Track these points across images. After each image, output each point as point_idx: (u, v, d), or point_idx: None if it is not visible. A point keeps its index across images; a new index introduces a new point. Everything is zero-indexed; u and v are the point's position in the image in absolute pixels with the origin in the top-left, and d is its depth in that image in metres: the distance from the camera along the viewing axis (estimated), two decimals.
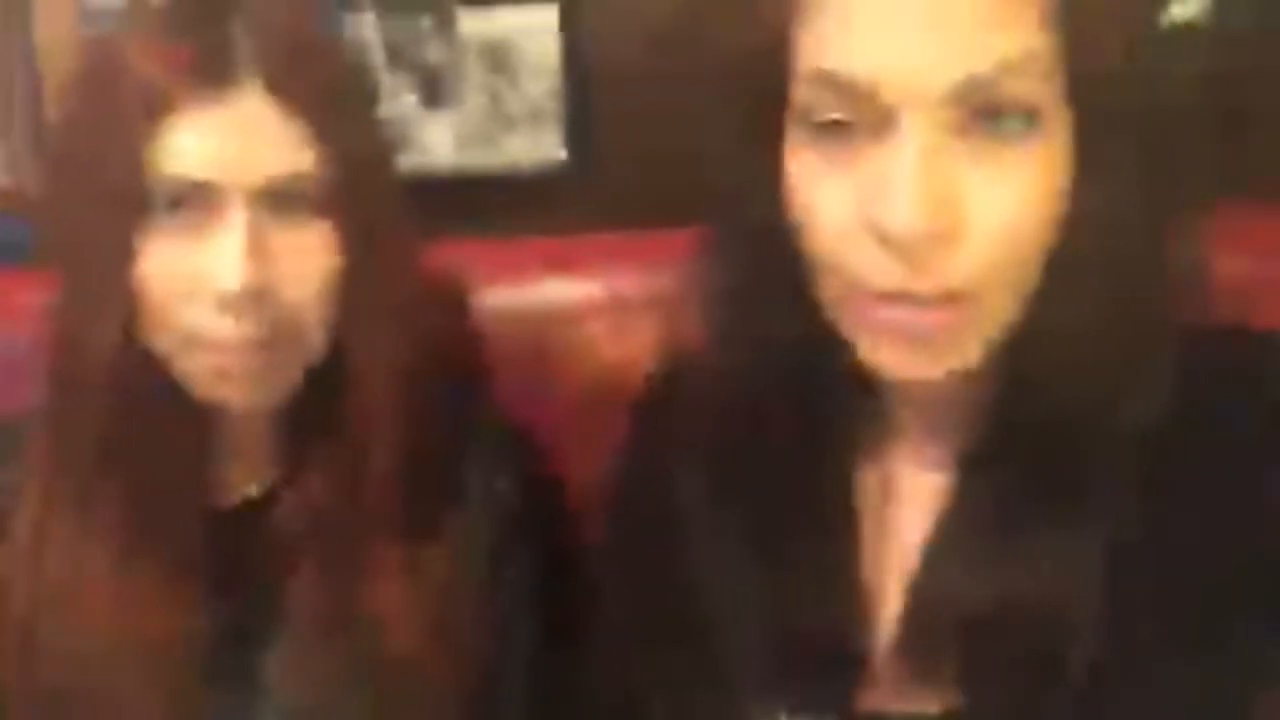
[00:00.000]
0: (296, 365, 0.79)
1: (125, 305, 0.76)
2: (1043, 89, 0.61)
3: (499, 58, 1.19)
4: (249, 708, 0.83)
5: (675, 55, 1.11)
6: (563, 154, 1.20)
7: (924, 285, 0.61)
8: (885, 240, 0.60)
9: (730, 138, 0.70)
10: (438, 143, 1.21)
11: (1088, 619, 0.64)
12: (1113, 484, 0.65)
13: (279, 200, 0.75)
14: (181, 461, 0.82)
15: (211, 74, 0.74)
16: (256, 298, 0.74)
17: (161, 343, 0.77)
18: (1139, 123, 0.63)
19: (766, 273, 0.69)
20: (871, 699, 0.70)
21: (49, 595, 0.81)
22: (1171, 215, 0.66)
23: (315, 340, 0.79)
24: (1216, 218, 0.72)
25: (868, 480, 0.74)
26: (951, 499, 0.70)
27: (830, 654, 0.71)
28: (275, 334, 0.76)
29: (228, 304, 0.74)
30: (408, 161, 1.18)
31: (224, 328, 0.75)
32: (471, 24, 1.18)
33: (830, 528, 0.73)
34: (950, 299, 0.62)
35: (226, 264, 0.73)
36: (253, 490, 0.86)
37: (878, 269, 0.62)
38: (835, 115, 0.62)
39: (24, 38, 1.22)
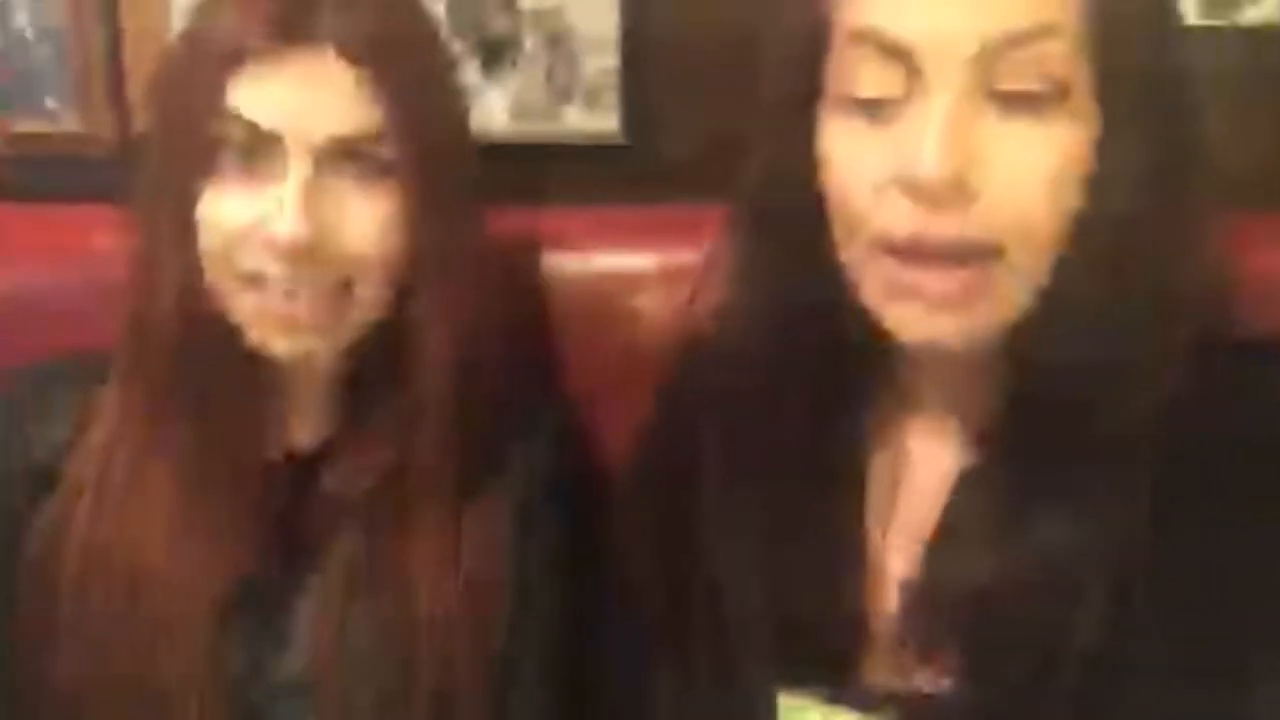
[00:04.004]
0: (353, 320, 0.81)
1: (189, 246, 0.78)
2: (1071, 60, 0.63)
3: (558, 28, 1.20)
4: (271, 649, 0.86)
5: (726, 28, 1.13)
6: (618, 126, 1.21)
7: (942, 231, 0.63)
8: (910, 186, 0.63)
9: (772, 104, 0.72)
10: (495, 111, 1.22)
11: (1092, 610, 0.66)
12: (1126, 477, 0.66)
13: (345, 157, 0.78)
14: (239, 408, 0.84)
15: (290, 28, 0.76)
16: (309, 249, 0.76)
17: (222, 286, 0.80)
18: (1163, 107, 0.65)
19: (792, 238, 0.72)
20: (872, 675, 0.72)
21: (107, 530, 0.85)
22: (1190, 201, 0.67)
23: (373, 296, 0.81)
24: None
25: (880, 458, 0.76)
26: (964, 481, 0.71)
27: (834, 629, 0.72)
28: (330, 286, 0.79)
29: (280, 252, 0.76)
30: None
31: (278, 275, 0.77)
32: None
33: (840, 504, 0.75)
34: (969, 253, 0.64)
35: (281, 212, 0.76)
36: (310, 442, 0.89)
37: (902, 217, 0.64)
38: (872, 81, 0.65)
39: None
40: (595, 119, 1.21)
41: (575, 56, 1.20)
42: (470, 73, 1.20)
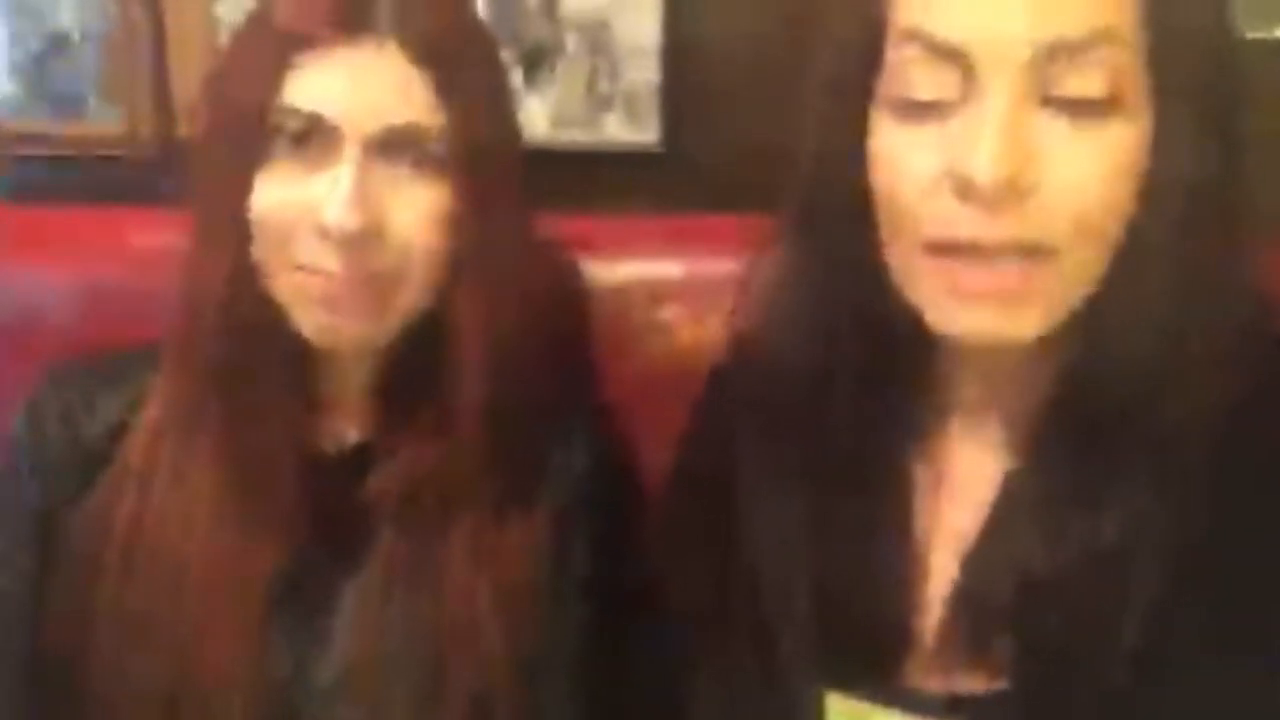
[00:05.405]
0: (394, 311, 0.81)
1: (238, 232, 0.78)
2: (1127, 66, 0.63)
3: (599, 37, 1.20)
4: (313, 649, 0.85)
5: (767, 41, 1.12)
6: (656, 136, 1.21)
7: (998, 233, 0.63)
8: (965, 188, 0.63)
9: (822, 101, 0.72)
10: (535, 118, 1.22)
11: (1138, 611, 0.65)
12: (1172, 478, 0.66)
13: (398, 149, 0.78)
14: (282, 404, 0.84)
15: (350, 19, 0.77)
16: (359, 237, 0.76)
17: (272, 272, 0.80)
18: (1218, 112, 0.65)
19: (838, 238, 0.71)
20: (915, 678, 0.72)
21: (151, 519, 0.85)
22: (1240, 204, 0.67)
23: (417, 287, 0.81)
24: None
25: (924, 459, 0.76)
26: (1010, 481, 0.71)
27: (879, 632, 0.72)
28: (377, 273, 0.78)
29: (330, 238, 0.76)
30: None
31: (326, 260, 0.77)
32: (574, 2, 1.20)
33: (885, 508, 0.74)
34: (1022, 254, 0.64)
35: (333, 199, 0.76)
36: (351, 440, 0.89)
37: (955, 219, 0.64)
38: (926, 82, 0.65)
39: None
40: (634, 128, 1.21)
41: (616, 66, 1.20)
42: (511, 80, 1.21)
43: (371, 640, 0.85)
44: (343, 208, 0.76)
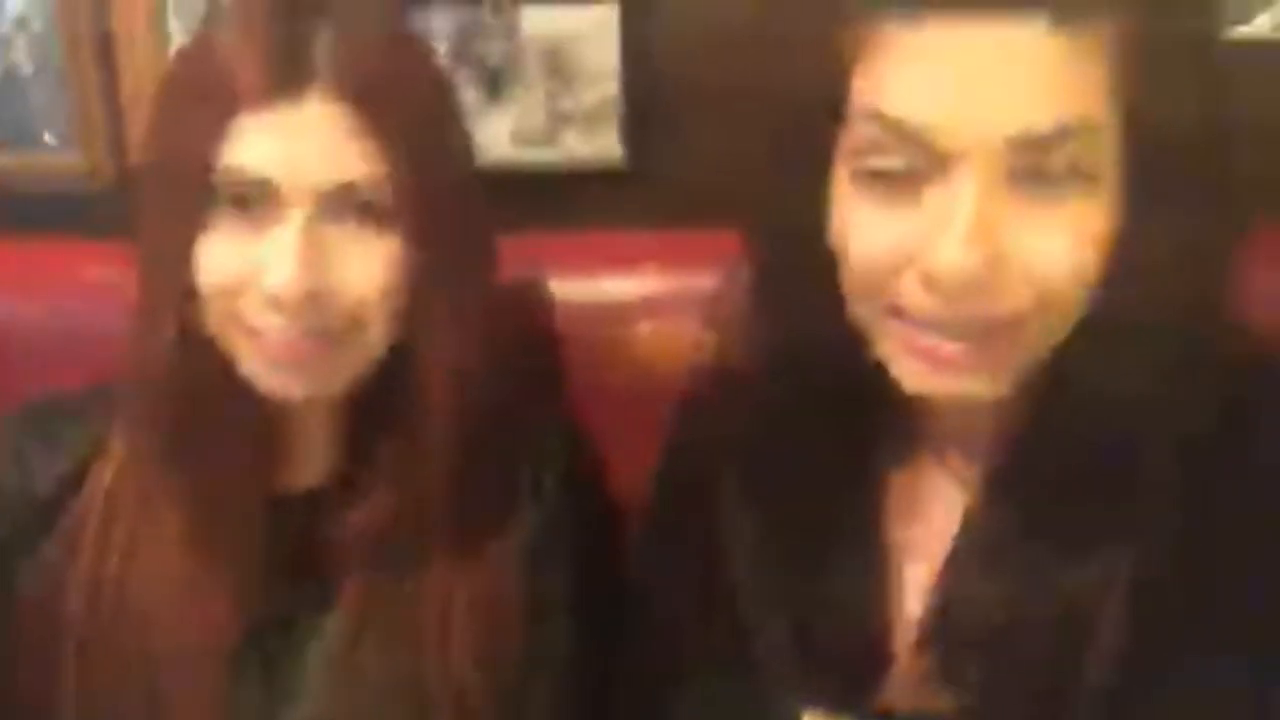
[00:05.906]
0: (352, 363, 0.80)
1: (183, 294, 0.77)
2: (1099, 147, 0.61)
3: (558, 55, 1.20)
4: (284, 695, 0.84)
5: (734, 66, 1.12)
6: (619, 153, 1.21)
7: (962, 315, 0.62)
8: (930, 281, 0.62)
9: (780, 158, 0.71)
10: (496, 138, 1.22)
11: (1108, 632, 0.65)
12: (1144, 504, 0.66)
13: (343, 205, 0.76)
14: (240, 449, 0.83)
15: (287, 76, 0.74)
16: (307, 298, 0.74)
17: (222, 333, 0.78)
18: (1190, 177, 0.63)
19: (806, 282, 0.70)
20: (889, 697, 0.72)
21: (114, 565, 0.84)
22: (1214, 251, 0.66)
23: (373, 340, 0.79)
24: None
25: (896, 485, 0.76)
26: (976, 509, 0.71)
27: (855, 653, 0.72)
28: (328, 332, 0.77)
29: (277, 302, 0.75)
30: None
31: (274, 323, 0.76)
32: (532, 21, 1.20)
33: (859, 531, 0.74)
34: (984, 331, 0.63)
35: (279, 263, 0.74)
36: (316, 480, 0.88)
37: (917, 299, 0.63)
38: (890, 164, 0.63)
39: (99, 26, 1.24)
40: (595, 145, 1.21)
41: (575, 83, 1.20)
42: (471, 99, 1.20)
43: (345, 681, 0.84)
44: (288, 273, 0.74)
